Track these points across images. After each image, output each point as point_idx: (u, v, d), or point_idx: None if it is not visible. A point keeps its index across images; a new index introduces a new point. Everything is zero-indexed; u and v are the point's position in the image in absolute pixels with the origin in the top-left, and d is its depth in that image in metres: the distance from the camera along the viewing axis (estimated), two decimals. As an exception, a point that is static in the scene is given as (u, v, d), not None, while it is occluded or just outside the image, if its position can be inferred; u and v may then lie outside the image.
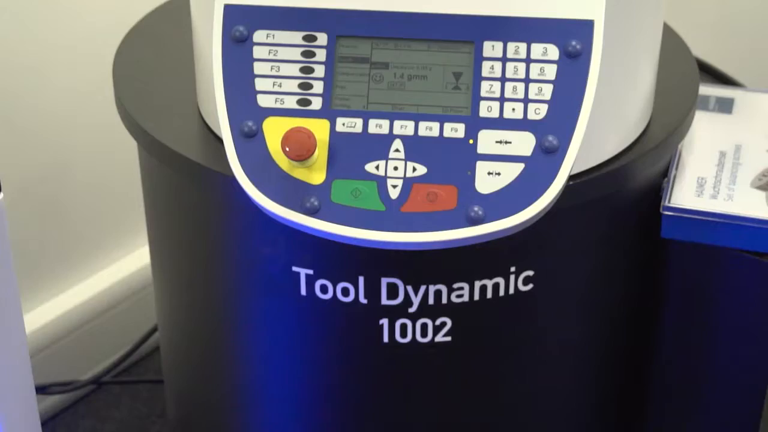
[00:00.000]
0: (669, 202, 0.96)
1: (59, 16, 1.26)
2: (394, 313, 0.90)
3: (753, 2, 1.42)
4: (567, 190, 0.80)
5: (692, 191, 0.97)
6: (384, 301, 0.90)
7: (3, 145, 1.25)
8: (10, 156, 1.26)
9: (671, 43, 1.04)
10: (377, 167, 0.80)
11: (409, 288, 0.89)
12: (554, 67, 0.80)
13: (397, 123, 0.81)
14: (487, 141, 0.80)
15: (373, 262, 0.88)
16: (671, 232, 0.96)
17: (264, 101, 0.81)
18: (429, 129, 0.81)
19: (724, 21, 1.44)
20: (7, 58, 1.23)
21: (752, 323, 0.99)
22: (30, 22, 1.25)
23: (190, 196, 0.96)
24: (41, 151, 1.29)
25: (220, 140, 0.84)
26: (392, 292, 0.89)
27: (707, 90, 1.09)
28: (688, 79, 1.01)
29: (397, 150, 0.80)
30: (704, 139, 1.03)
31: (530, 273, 0.91)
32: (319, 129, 0.81)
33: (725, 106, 1.08)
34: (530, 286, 0.91)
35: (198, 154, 0.91)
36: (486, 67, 0.81)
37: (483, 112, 0.80)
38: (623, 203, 0.95)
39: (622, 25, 0.86)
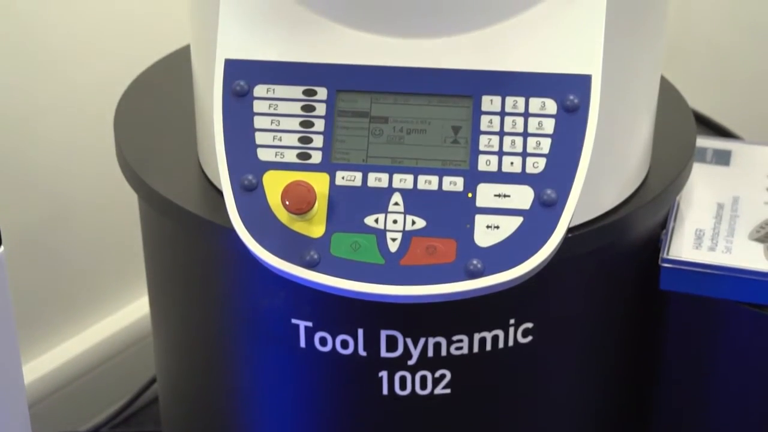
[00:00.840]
0: (667, 254, 0.96)
1: (60, 67, 1.27)
2: (393, 365, 0.90)
3: (749, 54, 1.43)
4: (566, 242, 0.81)
5: (690, 243, 0.97)
6: (383, 353, 0.90)
7: (3, 196, 1.26)
8: (10, 206, 1.26)
9: (668, 94, 1.05)
10: (376, 220, 0.80)
11: (409, 340, 0.89)
12: (552, 121, 0.81)
13: (396, 176, 0.81)
14: (485, 194, 0.80)
15: (372, 314, 0.89)
16: (670, 284, 0.97)
17: (264, 155, 0.82)
18: (428, 182, 0.81)
19: (721, 73, 1.45)
20: (8, 107, 1.24)
21: (752, 375, 0.99)
22: (31, 72, 1.25)
23: (190, 248, 0.96)
24: (41, 201, 1.30)
25: (220, 192, 0.84)
26: (391, 344, 0.90)
27: (704, 142, 1.10)
28: (686, 131, 1.02)
29: (396, 203, 0.81)
30: (702, 191, 1.04)
31: (529, 325, 0.91)
32: (319, 182, 0.81)
33: (722, 158, 1.08)
34: (529, 338, 0.91)
35: (198, 207, 0.92)
36: (484, 121, 0.81)
37: (482, 166, 0.81)
38: (622, 255, 0.96)
39: (619, 79, 0.87)
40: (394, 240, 0.80)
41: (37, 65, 1.26)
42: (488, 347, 0.90)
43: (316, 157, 0.82)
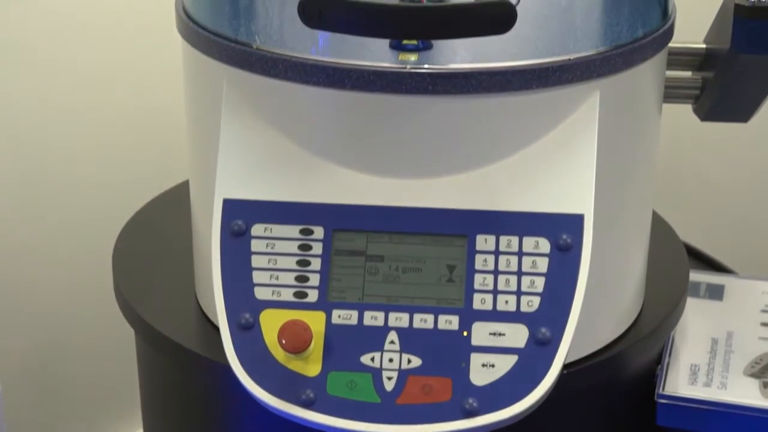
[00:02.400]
0: (663, 389, 0.96)
1: (60, 199, 1.29)
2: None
3: (741, 189, 1.45)
4: (561, 379, 0.81)
5: (686, 379, 0.98)
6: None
7: (0, 327, 1.26)
8: (7, 338, 1.26)
9: (659, 229, 1.06)
10: (372, 359, 0.81)
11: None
12: (546, 260, 0.82)
13: (392, 315, 0.82)
14: (480, 333, 0.81)
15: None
16: (666, 420, 0.97)
17: (261, 294, 0.83)
18: (423, 321, 0.82)
19: (711, 206, 1.46)
20: (9, 238, 1.25)
21: None
22: (31, 204, 1.27)
23: (186, 384, 0.96)
24: (38, 334, 1.30)
25: (217, 327, 0.85)
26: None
27: (698, 276, 1.11)
28: (678, 266, 1.03)
29: (392, 342, 0.81)
30: (696, 326, 1.04)
31: (526, 462, 0.90)
32: (315, 321, 0.82)
33: (716, 292, 1.09)
34: (526, 475, 0.91)
35: (194, 343, 0.92)
36: (479, 260, 0.82)
37: (477, 305, 0.82)
38: (617, 391, 0.96)
39: (611, 217, 0.88)
40: (390, 379, 0.80)
41: (37, 198, 1.28)
42: (485, 484, 0.90)
43: (313, 296, 0.83)
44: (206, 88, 0.89)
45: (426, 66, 0.81)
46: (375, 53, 0.82)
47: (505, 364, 0.80)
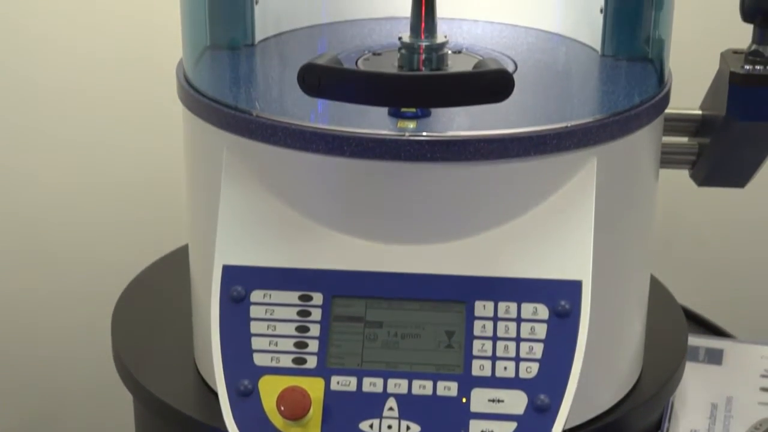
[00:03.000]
0: (663, 455, 0.96)
1: (60, 266, 1.29)
2: None
3: (739, 253, 1.46)
4: (560, 445, 0.81)
5: (686, 444, 0.98)
6: None
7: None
8: (4, 402, 1.26)
9: (657, 293, 1.06)
10: (371, 426, 0.81)
11: None
12: (544, 326, 0.82)
13: (391, 381, 0.82)
14: (479, 399, 0.81)
15: None
16: (666, 486, 0.96)
17: (260, 360, 0.83)
18: (422, 387, 0.82)
19: (710, 269, 1.47)
20: (7, 302, 1.25)
21: None
22: (31, 269, 1.27)
23: (185, 450, 0.96)
24: (35, 398, 1.30)
25: (216, 394, 0.85)
26: None
27: (696, 341, 1.11)
28: (677, 331, 1.03)
29: (391, 408, 0.81)
30: (696, 391, 1.04)
31: None
32: (314, 387, 0.82)
33: (715, 357, 1.09)
34: None
35: (193, 409, 0.92)
36: (478, 326, 0.82)
37: (475, 371, 0.82)
38: (617, 456, 0.96)
39: (609, 283, 0.88)
40: (389, 446, 0.80)
41: (36, 263, 1.28)
42: None
43: (312, 362, 0.83)
44: (206, 154, 0.89)
45: (424, 133, 0.81)
46: (374, 120, 0.83)
47: (504, 430, 0.80)
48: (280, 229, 0.85)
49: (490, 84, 0.77)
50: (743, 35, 0.93)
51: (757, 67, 0.90)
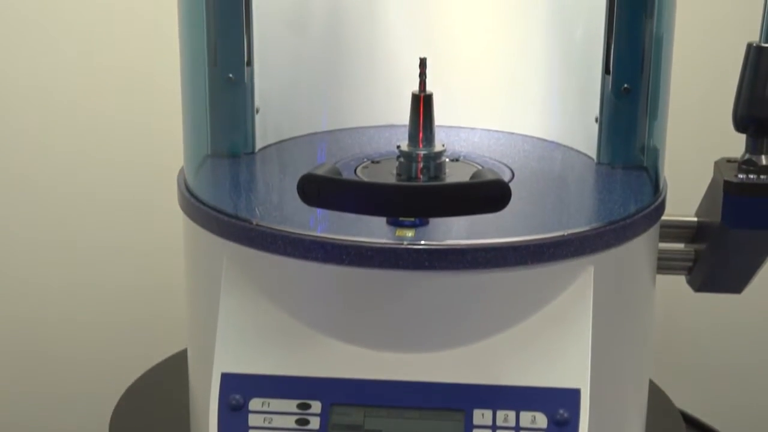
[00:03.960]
0: None
1: (58, 373, 1.29)
2: None
3: (737, 357, 1.46)
4: None
5: None
6: None
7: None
8: None
9: (656, 397, 1.06)
10: None
11: None
12: (543, 435, 0.82)
13: (390, 490, 0.82)
14: None
15: None
16: None
17: (258, 468, 0.83)
18: (422, 496, 0.81)
19: (709, 374, 1.47)
20: (7, 413, 1.25)
21: None
22: (28, 376, 1.27)
23: None
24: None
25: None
26: None
27: (695, 446, 1.10)
28: (676, 435, 1.03)
29: None
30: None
31: None
32: (312, 497, 0.81)
33: (714, 466, 1.09)
34: None
35: None
36: (476, 435, 0.83)
37: (475, 479, 0.81)
38: None
39: (608, 390, 0.88)
40: None
41: (34, 366, 1.28)
42: None
43: (311, 471, 0.82)
44: (206, 261, 0.90)
45: (422, 242, 0.82)
46: (372, 228, 0.84)
47: None
48: (279, 336, 0.86)
49: (487, 195, 0.78)
50: (737, 144, 0.95)
51: (751, 176, 0.91)
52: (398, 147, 0.92)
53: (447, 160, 0.94)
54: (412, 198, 0.79)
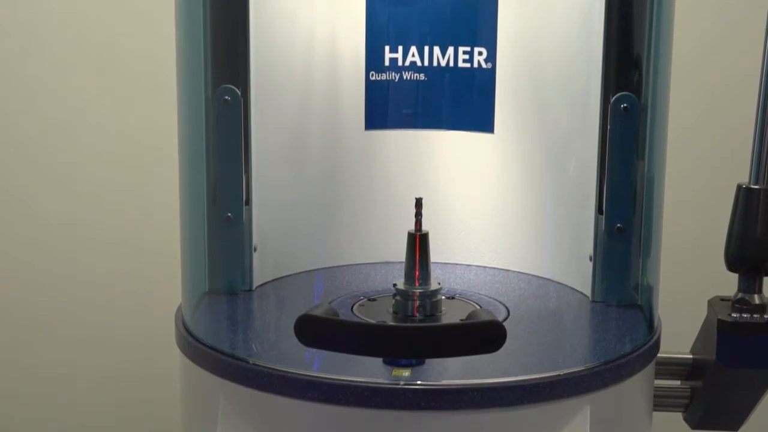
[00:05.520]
0: None
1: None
2: None
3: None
4: None
5: None
6: None
7: None
8: None
9: None
10: None
11: None
12: None
13: None
14: None
15: None
16: None
17: None
18: None
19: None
20: None
21: None
22: None
23: None
24: None
25: None
26: None
27: None
28: None
29: None
30: None
31: None
32: None
33: None
34: None
35: None
36: None
37: None
38: None
39: None
40: None
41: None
42: None
43: None
44: (203, 399, 0.90)
45: (419, 382, 0.82)
46: (369, 368, 0.84)
47: None
48: None
49: (482, 336, 0.79)
50: (730, 282, 0.95)
51: (745, 315, 0.92)
52: (394, 285, 0.93)
53: (443, 297, 0.95)
54: (409, 338, 0.79)
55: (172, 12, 0.96)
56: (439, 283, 0.94)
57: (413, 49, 1.04)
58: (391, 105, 1.06)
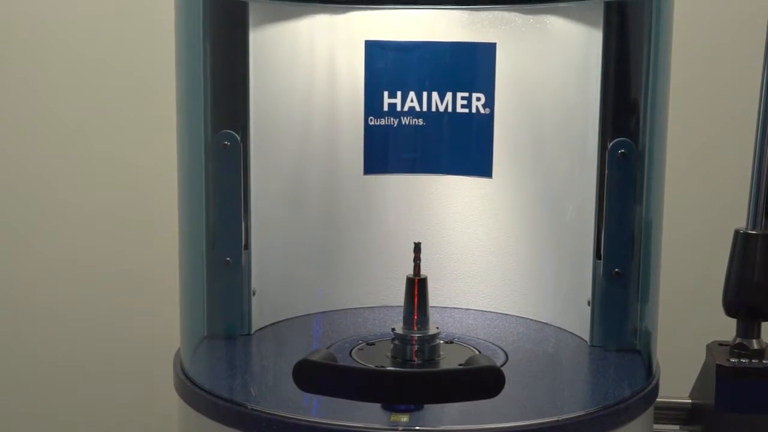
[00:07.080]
0: None
1: None
2: None
3: None
4: None
5: None
6: None
7: None
8: None
9: None
10: None
11: None
12: None
13: None
14: None
15: None
16: None
17: None
18: None
19: None
20: None
21: None
22: None
23: None
24: None
25: None
26: None
27: None
28: None
29: None
30: None
31: None
32: None
33: None
34: None
35: None
36: None
37: None
38: None
39: None
40: None
41: None
42: None
43: None
44: (201, 445, 0.90)
45: (417, 428, 0.82)
46: (367, 413, 0.84)
47: None
48: None
49: (481, 382, 0.79)
50: (729, 327, 0.96)
51: (743, 360, 0.92)
52: (393, 330, 0.93)
53: (441, 342, 0.95)
54: (407, 384, 0.79)
55: (173, 57, 0.97)
56: (438, 328, 0.94)
57: (412, 94, 1.04)
58: (390, 150, 1.06)
